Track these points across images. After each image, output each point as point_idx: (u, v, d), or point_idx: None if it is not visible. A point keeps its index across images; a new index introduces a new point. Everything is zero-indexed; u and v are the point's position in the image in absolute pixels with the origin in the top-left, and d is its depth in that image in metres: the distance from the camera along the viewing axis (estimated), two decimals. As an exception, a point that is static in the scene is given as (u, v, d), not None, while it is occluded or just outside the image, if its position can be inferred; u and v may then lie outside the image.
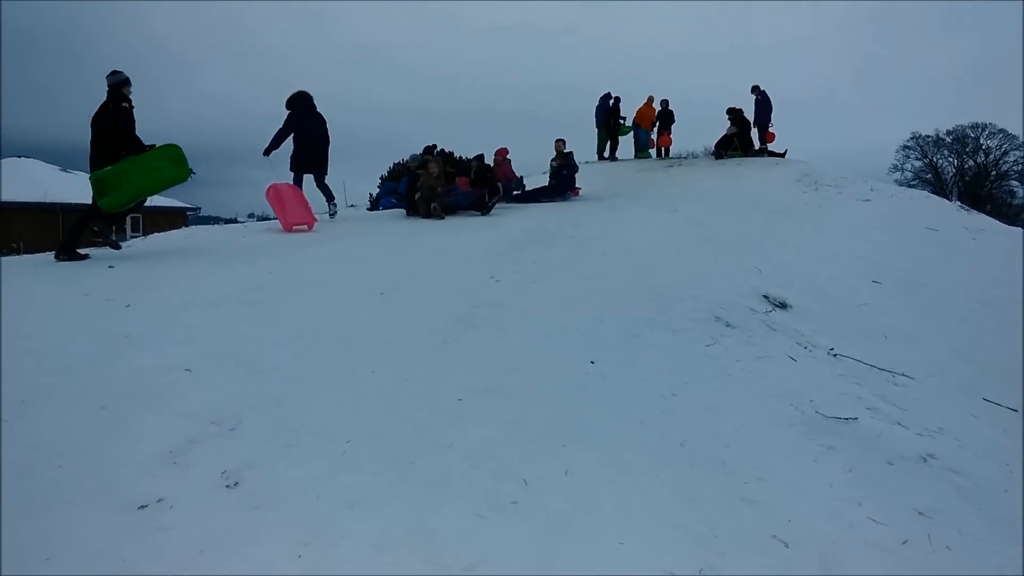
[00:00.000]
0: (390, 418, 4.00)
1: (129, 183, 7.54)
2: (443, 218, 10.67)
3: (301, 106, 10.45)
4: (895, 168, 48.27)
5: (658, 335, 5.34)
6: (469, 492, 3.32)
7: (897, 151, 48.91)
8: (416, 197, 11.07)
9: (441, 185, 11.10)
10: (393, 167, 23.42)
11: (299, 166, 10.55)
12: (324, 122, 10.61)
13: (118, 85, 7.75)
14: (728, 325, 5.59)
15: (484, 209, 11.21)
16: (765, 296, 6.32)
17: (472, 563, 2.86)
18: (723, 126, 17.43)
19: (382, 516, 3.15)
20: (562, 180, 13.09)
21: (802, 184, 12.88)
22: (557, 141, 13.56)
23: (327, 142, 10.67)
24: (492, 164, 13.08)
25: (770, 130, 17.57)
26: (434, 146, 12.31)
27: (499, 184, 12.18)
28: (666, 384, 4.57)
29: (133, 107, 7.91)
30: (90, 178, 7.66)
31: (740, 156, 16.67)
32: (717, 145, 17.44)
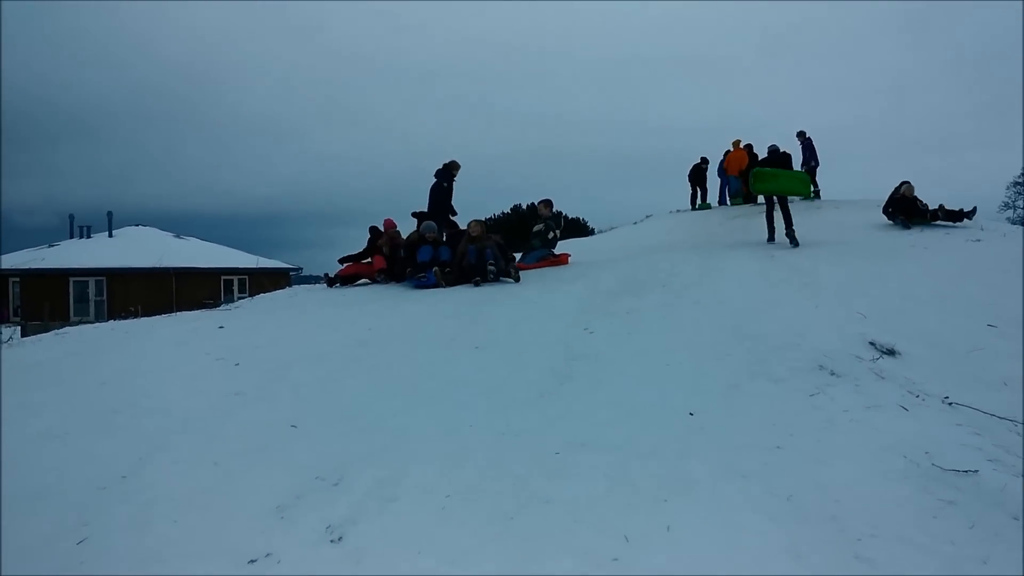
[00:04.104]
0: (489, 472, 4.02)
1: (775, 182, 11.35)
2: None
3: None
4: (1006, 206, 45.87)
5: (759, 385, 5.21)
6: (570, 547, 3.29)
7: (1008, 187, 46.47)
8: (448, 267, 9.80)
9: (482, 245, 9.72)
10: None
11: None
12: (434, 182, 11.65)
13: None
14: (833, 374, 5.39)
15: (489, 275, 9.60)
16: (871, 343, 6.06)
17: (575, 621, 2.83)
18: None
19: (483, 571, 3.15)
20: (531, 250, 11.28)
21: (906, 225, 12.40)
22: (540, 203, 11.62)
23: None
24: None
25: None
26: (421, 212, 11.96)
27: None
28: (770, 436, 4.43)
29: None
30: (753, 170, 11.79)
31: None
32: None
